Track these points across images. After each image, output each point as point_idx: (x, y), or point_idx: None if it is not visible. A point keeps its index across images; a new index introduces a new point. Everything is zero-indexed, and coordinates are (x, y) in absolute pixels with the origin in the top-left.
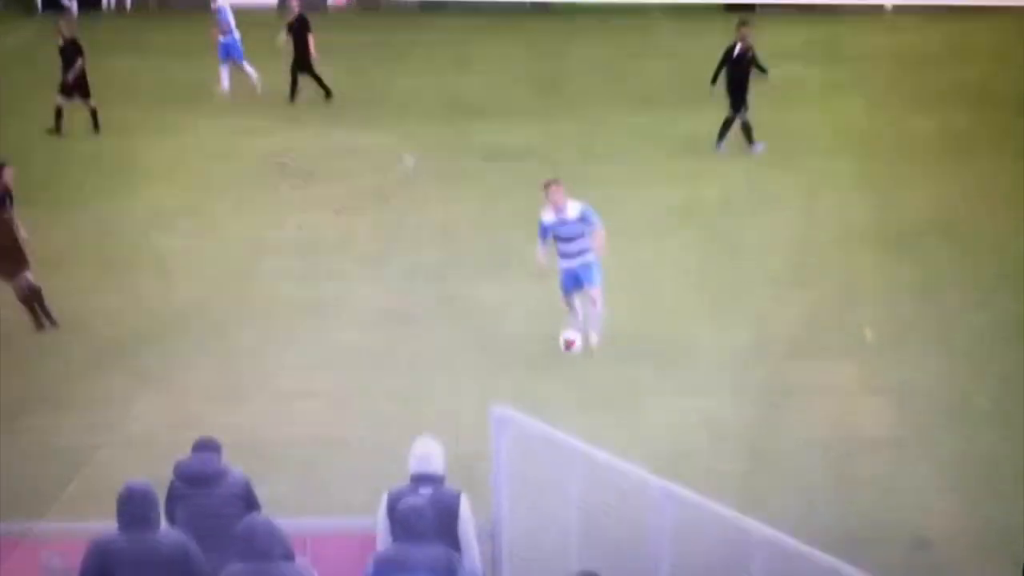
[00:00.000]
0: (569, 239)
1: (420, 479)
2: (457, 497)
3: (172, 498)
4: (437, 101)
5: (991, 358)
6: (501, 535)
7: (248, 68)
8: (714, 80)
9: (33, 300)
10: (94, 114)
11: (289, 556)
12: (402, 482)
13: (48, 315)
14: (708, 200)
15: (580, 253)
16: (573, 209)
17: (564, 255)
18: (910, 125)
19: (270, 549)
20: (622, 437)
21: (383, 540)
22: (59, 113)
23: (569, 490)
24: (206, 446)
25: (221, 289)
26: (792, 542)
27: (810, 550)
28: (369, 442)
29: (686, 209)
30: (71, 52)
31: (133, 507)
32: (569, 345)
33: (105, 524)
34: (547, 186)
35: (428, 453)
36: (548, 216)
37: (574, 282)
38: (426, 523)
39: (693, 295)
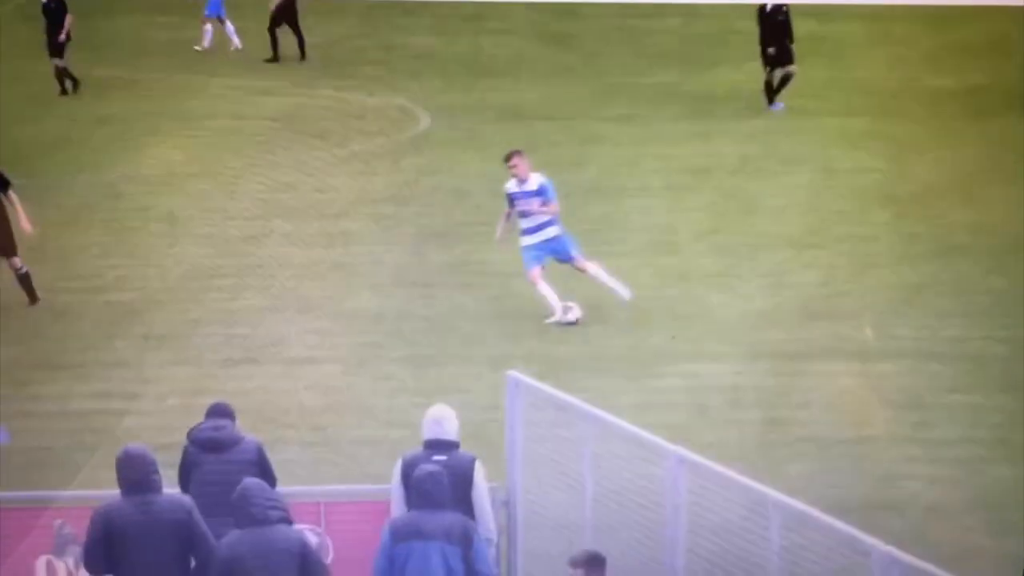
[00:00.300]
0: (527, 213)
1: (434, 445)
2: (471, 463)
3: (186, 464)
4: (451, 60)
5: (1006, 322)
6: (515, 501)
7: (207, 27)
8: (763, 51)
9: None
10: (68, 75)
11: (287, 519)
12: (416, 448)
13: (31, 293)
14: (724, 160)
15: (540, 228)
16: (534, 181)
17: (525, 231)
18: (927, 83)
19: (266, 514)
20: (636, 402)
21: (398, 506)
22: (59, 75)
23: (583, 456)
24: (220, 412)
25: (233, 252)
26: (807, 508)
27: (825, 517)
28: (382, 407)
29: (702, 170)
30: (57, 10)
31: (132, 471)
32: (568, 310)
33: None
34: (509, 157)
35: (442, 419)
36: (511, 186)
37: (536, 259)
38: (442, 490)
39: (708, 257)
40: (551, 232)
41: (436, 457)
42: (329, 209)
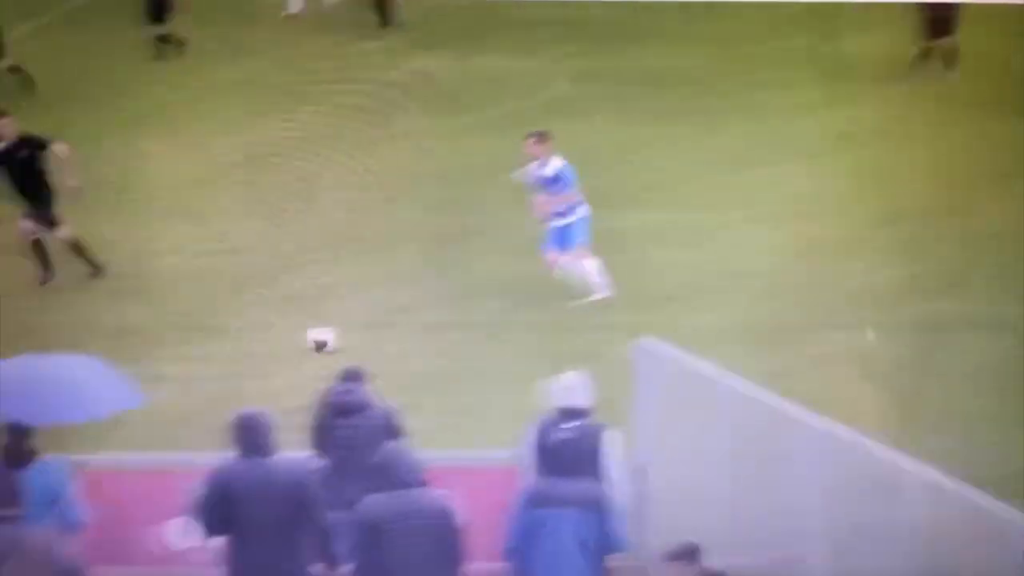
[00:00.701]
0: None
1: (566, 412)
2: (601, 431)
3: (317, 428)
4: (587, 25)
5: None
6: (646, 470)
7: None
8: (927, 21)
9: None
10: (172, 40)
11: (424, 483)
12: (548, 415)
13: (47, 264)
14: (864, 126)
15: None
16: (552, 167)
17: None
18: None
19: (407, 477)
20: (769, 370)
21: (530, 473)
22: (166, 39)
23: (716, 425)
24: (351, 376)
25: (367, 216)
26: (948, 481)
27: (964, 488)
28: (515, 373)
29: (841, 136)
30: None
31: (247, 434)
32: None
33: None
34: (527, 138)
35: (573, 386)
36: (530, 168)
37: (561, 243)
38: (578, 457)
39: (844, 225)
40: (566, 220)
41: (567, 425)
42: (462, 175)
